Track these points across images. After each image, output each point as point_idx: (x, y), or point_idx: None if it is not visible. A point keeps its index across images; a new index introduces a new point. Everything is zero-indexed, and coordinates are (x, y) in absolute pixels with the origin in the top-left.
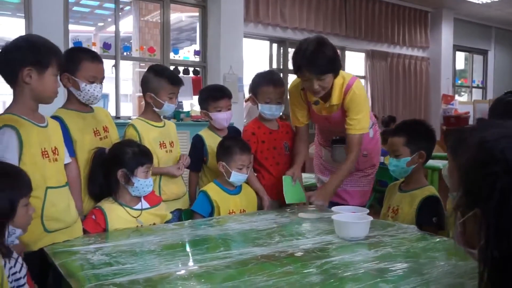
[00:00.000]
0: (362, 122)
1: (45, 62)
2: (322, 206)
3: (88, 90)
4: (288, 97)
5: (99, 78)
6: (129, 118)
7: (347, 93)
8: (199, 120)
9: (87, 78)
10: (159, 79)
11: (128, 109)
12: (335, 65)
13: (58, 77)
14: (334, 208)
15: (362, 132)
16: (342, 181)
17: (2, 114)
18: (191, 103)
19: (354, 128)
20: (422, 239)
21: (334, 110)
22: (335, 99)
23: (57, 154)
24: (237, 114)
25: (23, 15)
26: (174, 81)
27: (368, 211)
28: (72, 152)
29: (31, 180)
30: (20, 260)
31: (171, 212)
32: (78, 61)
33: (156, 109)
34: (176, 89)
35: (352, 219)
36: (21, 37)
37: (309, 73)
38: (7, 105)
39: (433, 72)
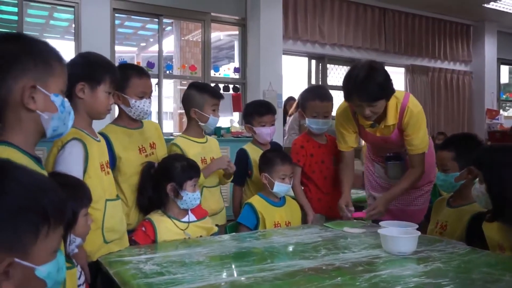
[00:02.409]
0: (424, 140)
1: (98, 78)
2: (377, 214)
3: (138, 106)
4: (335, 121)
5: (147, 93)
6: (171, 134)
7: (403, 113)
8: (239, 136)
9: (137, 94)
10: (202, 94)
11: (170, 126)
12: (387, 91)
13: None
14: (382, 223)
15: (425, 149)
16: (399, 195)
17: None
18: (231, 119)
19: (417, 148)
20: (472, 253)
21: (390, 131)
22: (390, 119)
23: (109, 168)
24: (276, 130)
25: (72, 37)
26: (216, 94)
27: (417, 226)
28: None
29: (92, 192)
30: (79, 268)
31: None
32: (127, 78)
33: (202, 124)
34: (218, 102)
35: (400, 233)
36: (80, 54)
37: (359, 100)
38: None
39: (477, 86)
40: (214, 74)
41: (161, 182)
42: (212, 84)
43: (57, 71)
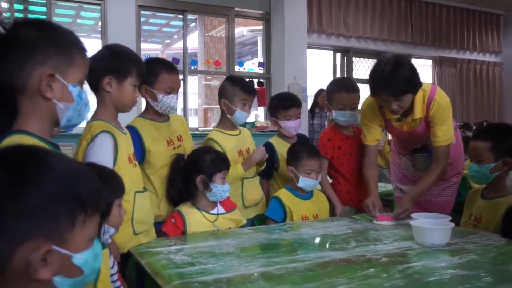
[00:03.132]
0: (449, 132)
1: (125, 72)
2: (405, 213)
3: (165, 101)
4: (360, 115)
5: (175, 89)
6: (196, 129)
7: (430, 105)
8: (264, 130)
9: (164, 89)
10: (233, 87)
11: (195, 122)
12: (413, 85)
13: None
14: (414, 215)
15: (450, 142)
16: (424, 193)
17: (93, 120)
18: (256, 114)
19: (441, 139)
20: (509, 246)
21: (417, 124)
22: (417, 113)
23: (135, 160)
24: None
25: (98, 35)
26: (248, 88)
27: (450, 218)
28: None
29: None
30: (112, 258)
31: (250, 219)
32: (156, 73)
33: (229, 116)
34: (249, 97)
35: (432, 225)
36: (105, 46)
37: (386, 95)
38: None
39: (508, 77)
40: (239, 69)
41: (191, 174)
42: None
43: (78, 62)
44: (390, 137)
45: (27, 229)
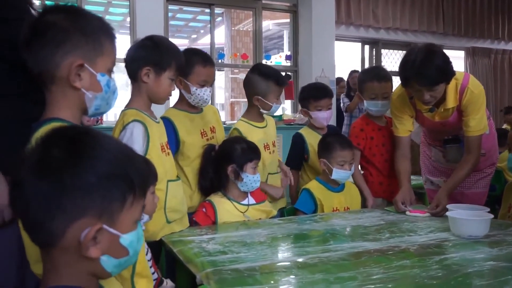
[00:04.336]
0: (482, 121)
1: (164, 65)
2: (444, 211)
3: (198, 94)
4: (391, 106)
5: (209, 82)
6: (223, 123)
7: (463, 94)
8: (291, 123)
9: (198, 82)
10: (267, 82)
11: (222, 116)
12: (447, 74)
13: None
14: (449, 206)
15: (483, 132)
16: (458, 185)
17: (127, 109)
18: (283, 107)
19: (474, 129)
20: None
21: (449, 114)
22: (450, 102)
23: (169, 149)
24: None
25: (127, 31)
26: (283, 81)
27: (488, 209)
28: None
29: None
30: (145, 245)
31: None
32: (191, 65)
33: (264, 111)
34: (282, 89)
35: (470, 216)
36: (148, 37)
37: (418, 85)
38: None
39: None
40: (266, 62)
41: (222, 164)
42: None
43: (107, 50)
44: None
45: (82, 206)
